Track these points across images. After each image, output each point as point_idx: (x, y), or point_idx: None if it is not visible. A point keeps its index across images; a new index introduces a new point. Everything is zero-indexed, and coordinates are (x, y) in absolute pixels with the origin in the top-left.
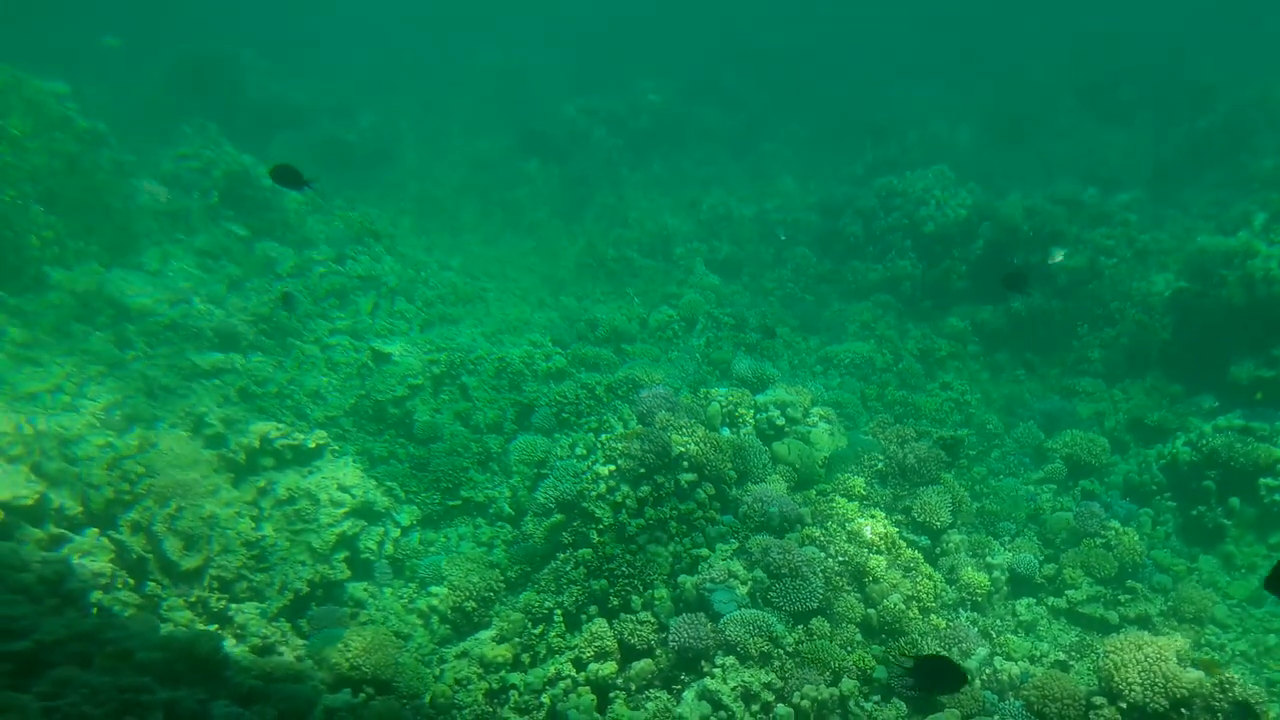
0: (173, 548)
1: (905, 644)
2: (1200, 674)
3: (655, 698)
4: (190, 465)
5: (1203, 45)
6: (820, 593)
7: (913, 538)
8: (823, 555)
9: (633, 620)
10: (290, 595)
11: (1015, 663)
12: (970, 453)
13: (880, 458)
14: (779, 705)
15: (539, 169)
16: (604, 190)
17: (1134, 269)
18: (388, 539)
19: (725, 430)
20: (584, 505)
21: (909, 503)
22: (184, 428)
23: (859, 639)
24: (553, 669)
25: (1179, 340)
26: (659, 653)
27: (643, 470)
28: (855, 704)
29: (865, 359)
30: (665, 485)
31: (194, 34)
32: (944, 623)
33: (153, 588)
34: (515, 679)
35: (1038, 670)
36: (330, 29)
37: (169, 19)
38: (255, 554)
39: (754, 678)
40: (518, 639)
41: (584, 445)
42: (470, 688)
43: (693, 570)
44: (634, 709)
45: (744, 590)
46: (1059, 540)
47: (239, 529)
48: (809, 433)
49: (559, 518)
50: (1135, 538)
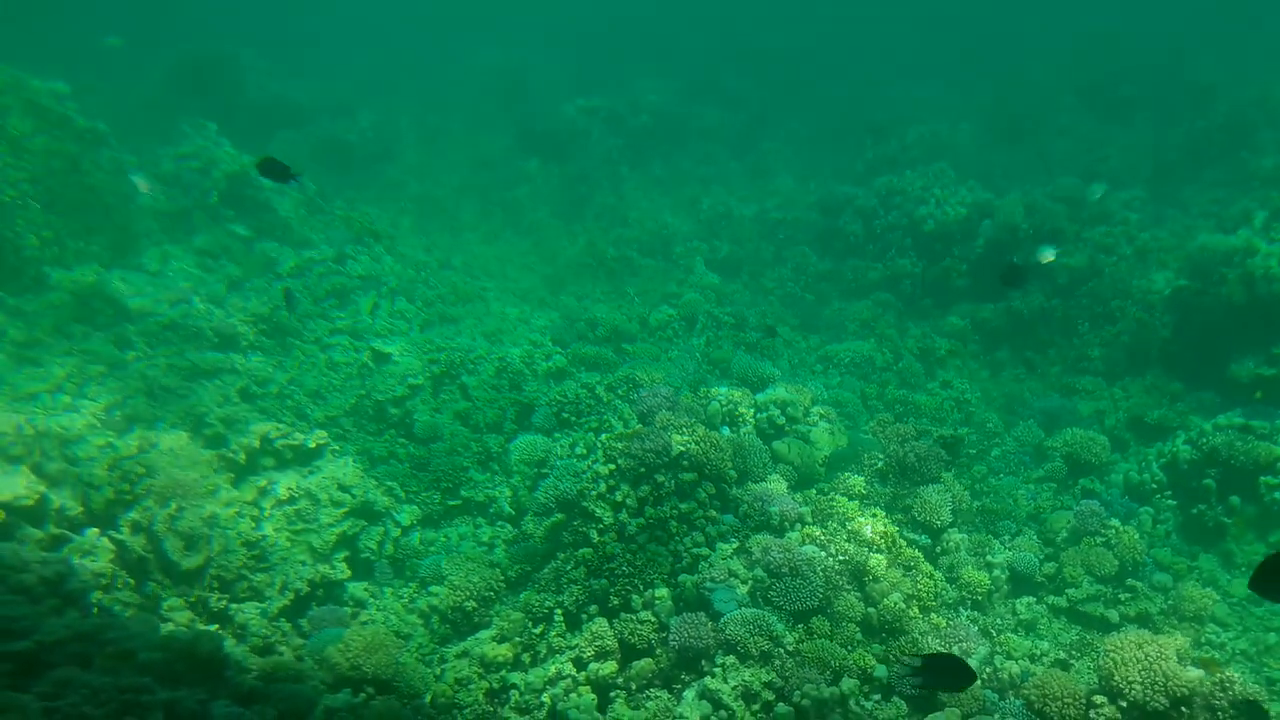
0: (173, 548)
1: (906, 643)
2: (1200, 672)
3: (656, 697)
4: (190, 465)
5: (1203, 44)
6: (820, 592)
7: (913, 536)
8: (823, 554)
9: (633, 620)
10: (290, 595)
11: (1015, 661)
12: (970, 451)
13: (880, 456)
14: (779, 704)
15: (539, 168)
16: (604, 189)
17: (1134, 267)
18: (388, 539)
19: (725, 429)
20: (584, 505)
21: (909, 501)
22: (184, 428)
23: (859, 638)
24: (553, 668)
25: (1179, 338)
26: (659, 652)
27: (643, 470)
28: (856, 703)
29: (865, 358)
30: (666, 485)
31: (194, 34)
32: (944, 621)
33: (153, 588)
34: (516, 678)
35: (1038, 669)
36: (330, 29)
37: (170, 19)
38: (255, 554)
39: (754, 677)
40: (518, 638)
41: (584, 445)
42: (471, 687)
43: (693, 569)
44: (634, 708)
45: (744, 589)
46: (1059, 539)
47: (239, 529)
48: (809, 432)
49: (559, 517)
50: (1135, 536)
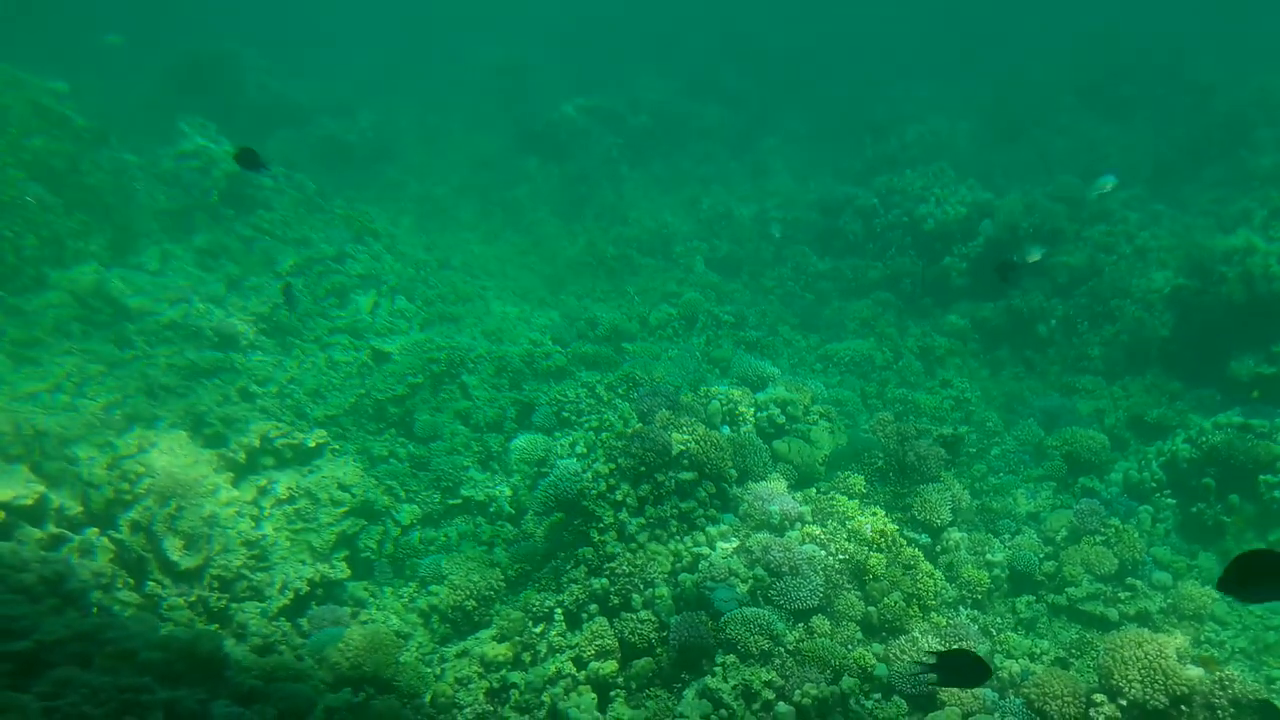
0: (173, 547)
1: (906, 642)
2: (1200, 671)
3: (656, 696)
4: (190, 465)
5: (1202, 44)
6: (821, 591)
7: (913, 535)
8: (823, 553)
9: (633, 619)
10: (290, 595)
11: (1016, 660)
12: (970, 450)
13: (880, 455)
14: (780, 703)
15: (539, 168)
16: (604, 189)
17: (1134, 266)
18: (388, 538)
19: (725, 428)
20: (584, 504)
21: (909, 500)
22: (184, 427)
23: (859, 637)
24: (553, 668)
25: (1179, 337)
26: (660, 651)
27: (643, 469)
28: (856, 701)
29: (865, 356)
30: (666, 484)
31: (194, 33)
32: (944, 620)
33: (153, 587)
34: (516, 678)
35: (1038, 667)
36: (331, 28)
37: (170, 18)
38: (255, 553)
39: (755, 676)
40: (518, 638)
41: (584, 444)
42: (471, 687)
43: (693, 569)
44: (635, 708)
45: (745, 588)
46: (1059, 537)
47: (239, 528)
48: (809, 431)
49: (559, 516)
50: (1135, 535)
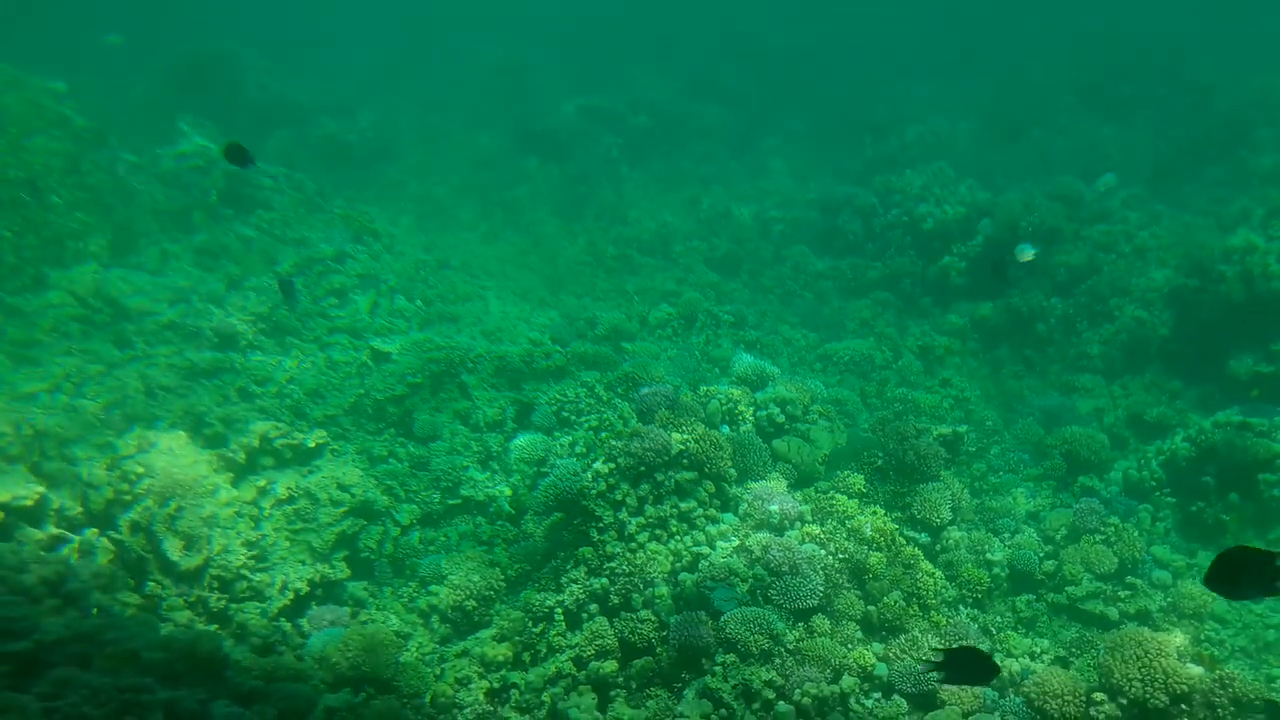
0: (172, 548)
1: (906, 641)
2: (1200, 669)
3: (656, 696)
4: (190, 465)
5: (1202, 44)
6: (820, 590)
7: (913, 534)
8: (823, 552)
9: (633, 618)
10: (290, 595)
11: (1016, 659)
12: (970, 449)
13: (880, 455)
14: (780, 703)
15: (539, 168)
16: (604, 189)
17: (1133, 265)
18: (388, 538)
19: (725, 428)
20: (584, 503)
21: (909, 499)
22: (184, 427)
23: (859, 636)
24: (553, 667)
25: (1178, 336)
26: (660, 651)
27: (643, 468)
28: (856, 701)
29: (865, 356)
30: (665, 483)
31: (195, 33)
32: (944, 620)
33: (153, 588)
34: (516, 678)
35: (1038, 666)
36: (331, 28)
37: (170, 17)
38: (255, 554)
39: (755, 675)
40: (518, 638)
41: (584, 443)
42: (471, 687)
43: (693, 568)
44: (635, 707)
45: (744, 588)
46: (1058, 536)
47: (239, 528)
48: (809, 430)
49: (559, 516)
50: (1135, 534)
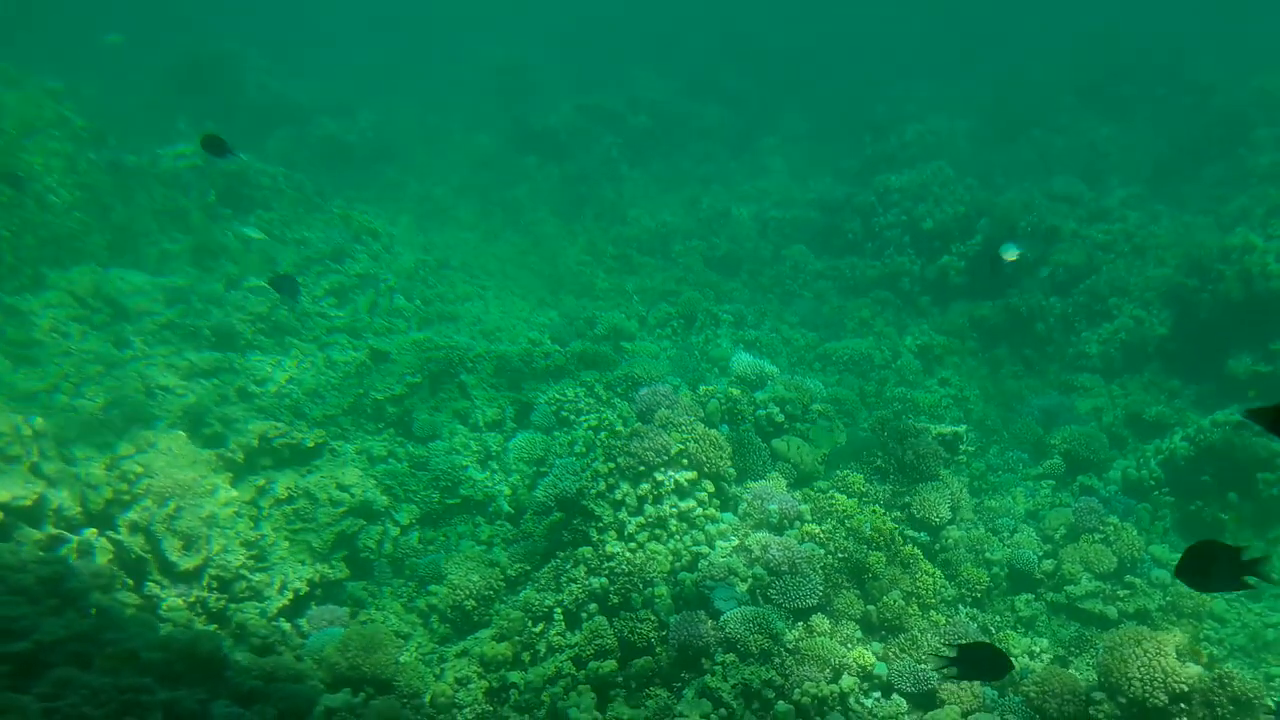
0: (171, 548)
1: (906, 641)
2: (1199, 668)
3: (656, 695)
4: (189, 465)
5: (1202, 44)
6: (820, 589)
7: (912, 534)
8: (822, 552)
9: (633, 618)
10: (289, 595)
11: (1015, 658)
12: (969, 449)
13: (879, 454)
14: (780, 702)
15: (538, 167)
16: (603, 188)
17: (1132, 264)
18: (387, 538)
19: (724, 427)
20: (584, 503)
21: (908, 499)
22: (182, 427)
23: (859, 635)
24: (553, 667)
25: (1177, 335)
26: (659, 650)
27: (642, 468)
28: (855, 700)
29: (864, 355)
30: (665, 483)
31: (195, 33)
32: (944, 619)
33: (152, 588)
34: (515, 677)
35: (1037, 666)
36: (331, 28)
37: (170, 18)
38: (254, 553)
39: (754, 675)
40: (518, 637)
41: (583, 443)
42: (471, 686)
43: (692, 568)
44: (635, 707)
45: (744, 587)
46: (1058, 536)
47: (238, 528)
48: (808, 429)
49: (559, 516)
50: (1134, 533)
